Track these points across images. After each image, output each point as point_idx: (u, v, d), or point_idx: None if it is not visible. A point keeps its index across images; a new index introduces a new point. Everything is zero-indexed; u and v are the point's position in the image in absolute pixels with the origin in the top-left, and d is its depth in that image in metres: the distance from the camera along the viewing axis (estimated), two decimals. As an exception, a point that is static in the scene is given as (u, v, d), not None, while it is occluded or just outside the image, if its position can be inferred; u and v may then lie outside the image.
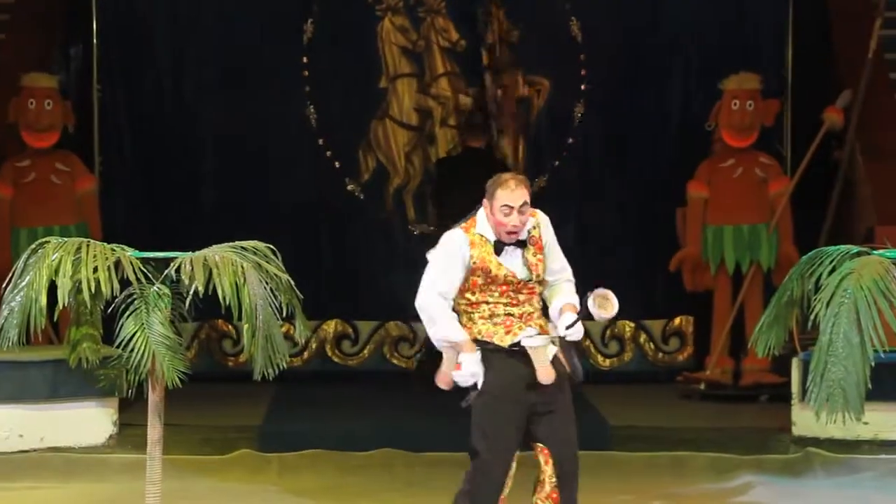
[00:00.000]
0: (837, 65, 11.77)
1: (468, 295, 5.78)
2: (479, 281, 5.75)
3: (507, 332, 5.74)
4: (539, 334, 5.76)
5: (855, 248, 6.37)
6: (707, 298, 11.39)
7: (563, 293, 5.85)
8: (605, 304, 5.68)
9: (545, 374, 5.68)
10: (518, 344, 5.73)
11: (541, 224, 5.81)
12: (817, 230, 10.99)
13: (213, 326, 11.87)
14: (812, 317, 6.14)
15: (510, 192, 5.65)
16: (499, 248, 5.74)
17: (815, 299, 6.14)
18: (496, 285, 5.73)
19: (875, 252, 6.36)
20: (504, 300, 5.74)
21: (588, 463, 8.59)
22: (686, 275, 11.28)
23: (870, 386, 6.03)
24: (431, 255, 5.86)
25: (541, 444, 5.80)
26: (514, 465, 5.80)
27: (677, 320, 12.13)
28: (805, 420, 9.20)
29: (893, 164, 11.17)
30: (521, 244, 5.75)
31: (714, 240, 11.17)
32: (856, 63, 11.23)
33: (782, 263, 10.62)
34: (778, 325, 6.57)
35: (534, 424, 5.76)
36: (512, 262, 5.74)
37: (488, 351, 5.76)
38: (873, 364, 6.00)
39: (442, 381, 5.81)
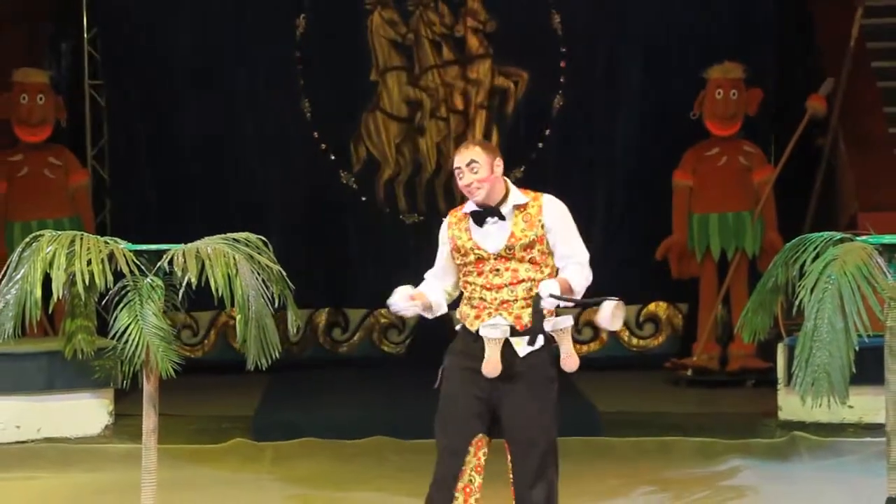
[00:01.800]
0: (820, 53, 11.78)
1: (462, 276, 5.69)
2: (458, 261, 5.63)
3: (477, 317, 5.58)
4: (512, 326, 5.52)
5: (838, 235, 6.40)
6: (693, 285, 11.42)
7: (565, 273, 5.58)
8: (616, 314, 5.42)
9: (487, 367, 5.48)
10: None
11: (543, 206, 5.62)
12: (801, 217, 11.01)
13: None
14: (797, 303, 6.16)
15: (458, 155, 5.62)
16: (479, 218, 5.62)
17: (799, 285, 6.16)
18: (471, 264, 5.59)
19: (858, 238, 6.38)
20: (480, 281, 5.57)
21: (578, 448, 8.70)
22: (672, 262, 11.31)
23: (854, 370, 6.05)
24: None
25: (504, 439, 5.62)
26: (474, 452, 5.56)
27: (651, 306, 12.16)
28: (791, 404, 9.23)
29: (876, 151, 11.20)
30: (497, 213, 5.58)
31: (699, 227, 11.19)
32: (838, 52, 11.25)
33: (767, 250, 10.65)
34: (763, 311, 6.60)
35: (497, 416, 5.57)
36: (487, 235, 5.58)
37: (462, 331, 5.65)
38: (857, 349, 6.02)
39: None
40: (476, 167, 5.58)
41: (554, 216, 5.62)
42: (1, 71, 11.19)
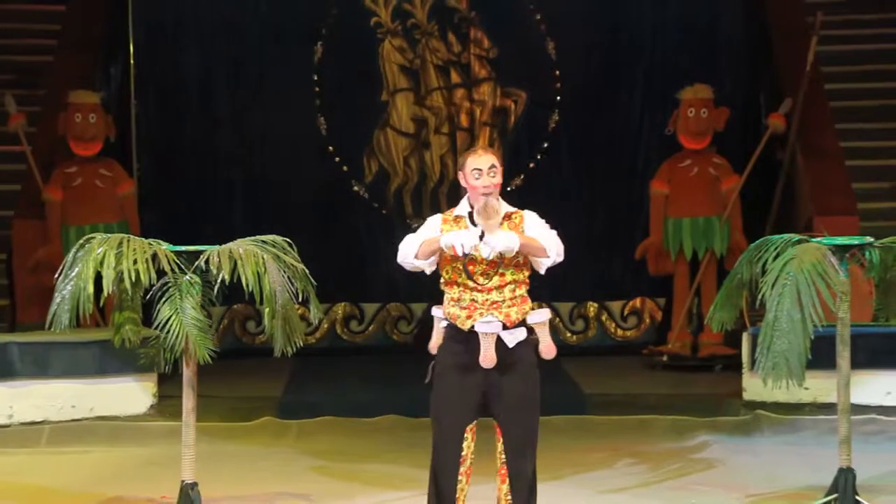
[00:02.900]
0: (780, 76, 11.79)
1: (443, 273, 5.53)
2: (449, 255, 5.43)
3: (468, 317, 5.46)
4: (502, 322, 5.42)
5: (796, 237, 6.41)
6: (669, 282, 11.42)
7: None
8: (488, 214, 5.33)
9: (485, 360, 5.41)
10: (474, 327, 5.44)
11: (525, 218, 5.56)
12: (764, 221, 11.03)
13: (236, 310, 11.94)
14: (759, 297, 6.17)
15: (478, 158, 5.48)
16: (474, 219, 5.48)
17: (761, 281, 6.17)
18: (461, 263, 5.41)
19: (814, 240, 6.39)
20: (471, 284, 5.44)
21: (567, 426, 8.71)
22: (650, 261, 11.31)
23: (810, 356, 6.06)
24: None
25: (495, 422, 5.54)
26: (469, 437, 5.51)
27: (637, 301, 12.16)
28: (754, 386, 9.20)
29: (829, 162, 11.20)
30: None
31: (674, 230, 11.19)
32: (796, 75, 11.26)
33: (733, 250, 10.64)
34: (730, 305, 6.61)
35: (490, 402, 5.49)
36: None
37: (451, 330, 5.53)
38: (813, 337, 6.03)
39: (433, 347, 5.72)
40: (495, 172, 5.50)
41: (533, 222, 5.55)
42: (59, 92, 11.23)
